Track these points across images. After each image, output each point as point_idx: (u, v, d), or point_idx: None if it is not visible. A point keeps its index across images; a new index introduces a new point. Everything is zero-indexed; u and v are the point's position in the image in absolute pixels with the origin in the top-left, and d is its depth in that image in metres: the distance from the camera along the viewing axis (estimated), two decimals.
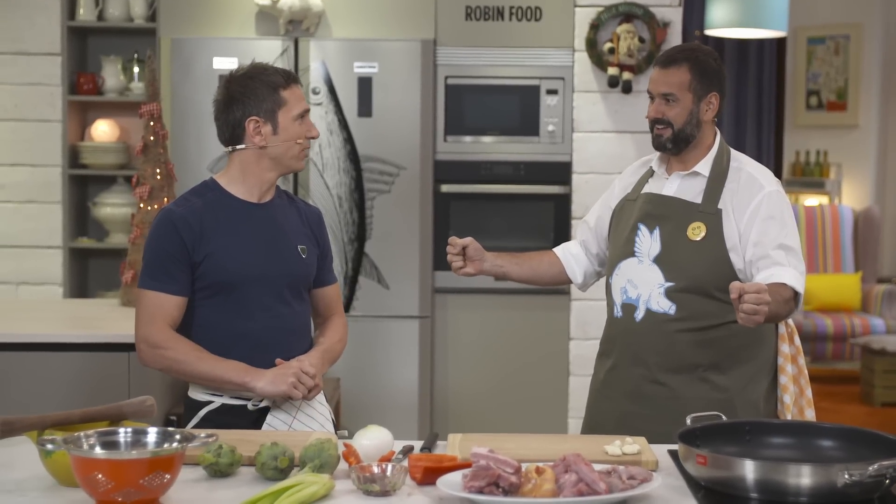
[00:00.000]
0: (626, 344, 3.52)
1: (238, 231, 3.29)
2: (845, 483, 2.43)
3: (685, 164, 3.55)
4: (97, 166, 6.45)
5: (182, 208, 3.28)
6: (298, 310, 3.39)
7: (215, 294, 3.28)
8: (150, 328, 3.25)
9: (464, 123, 6.23)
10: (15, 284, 6.33)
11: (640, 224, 3.53)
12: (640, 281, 3.49)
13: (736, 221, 3.44)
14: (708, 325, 3.44)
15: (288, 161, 3.32)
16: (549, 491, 2.45)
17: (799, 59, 10.57)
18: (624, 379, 3.53)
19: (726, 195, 3.47)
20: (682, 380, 3.45)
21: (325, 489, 2.53)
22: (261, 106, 3.27)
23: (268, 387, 3.20)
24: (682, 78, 3.48)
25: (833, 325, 8.99)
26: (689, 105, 3.49)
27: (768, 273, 3.36)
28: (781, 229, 3.44)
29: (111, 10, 6.41)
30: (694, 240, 3.44)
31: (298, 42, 6.09)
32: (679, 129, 3.49)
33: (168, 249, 3.25)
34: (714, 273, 3.42)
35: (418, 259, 6.13)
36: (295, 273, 3.37)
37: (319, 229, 3.49)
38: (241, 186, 3.34)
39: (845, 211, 9.65)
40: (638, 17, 6.02)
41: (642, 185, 3.63)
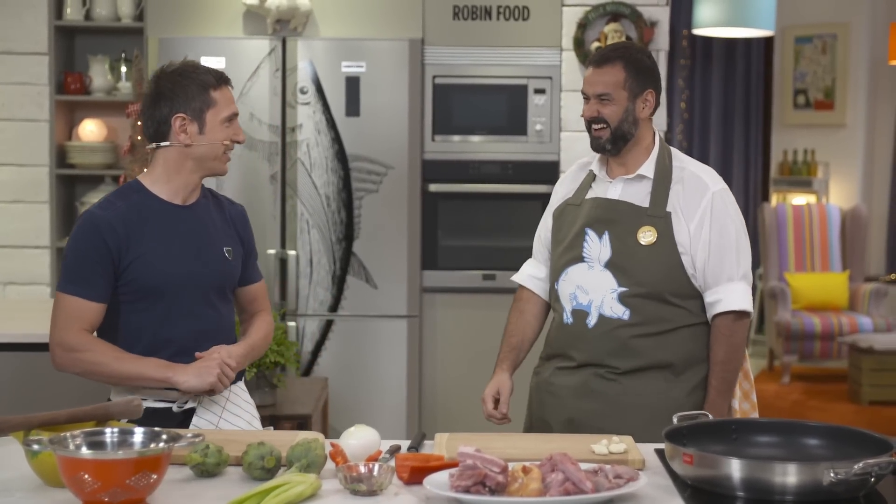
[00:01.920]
0: (578, 350, 3.47)
1: (163, 235, 3.23)
2: (831, 481, 2.43)
3: (626, 167, 3.50)
4: (84, 166, 6.44)
5: (106, 212, 3.20)
6: (223, 311, 3.34)
7: (141, 299, 3.21)
8: (65, 332, 3.18)
9: (451, 123, 6.23)
10: (2, 284, 6.32)
11: (587, 229, 3.48)
12: (590, 286, 3.45)
13: (686, 224, 3.41)
14: (663, 330, 3.43)
15: (211, 163, 3.27)
16: (536, 490, 2.46)
17: (786, 58, 10.59)
18: (574, 376, 3.48)
19: (673, 197, 3.44)
20: (635, 379, 3.42)
21: (312, 489, 2.53)
22: (189, 104, 3.21)
23: (192, 380, 3.14)
24: (616, 77, 3.44)
25: (821, 324, 9.01)
26: (625, 103, 3.44)
27: (715, 297, 3.42)
28: (730, 235, 3.44)
29: (98, 10, 6.40)
30: (645, 244, 3.40)
31: (286, 41, 6.08)
32: (616, 128, 3.44)
33: (90, 254, 3.17)
34: (667, 277, 3.41)
35: (406, 258, 6.13)
36: (221, 275, 3.31)
37: (244, 228, 3.44)
38: (165, 187, 3.26)
39: (833, 210, 9.68)
40: (625, 17, 6.03)
41: (585, 190, 3.57)
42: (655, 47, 6.02)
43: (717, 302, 3.42)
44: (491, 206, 6.22)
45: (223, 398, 3.29)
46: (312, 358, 6.13)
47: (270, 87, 6.06)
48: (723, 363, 3.43)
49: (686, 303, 3.44)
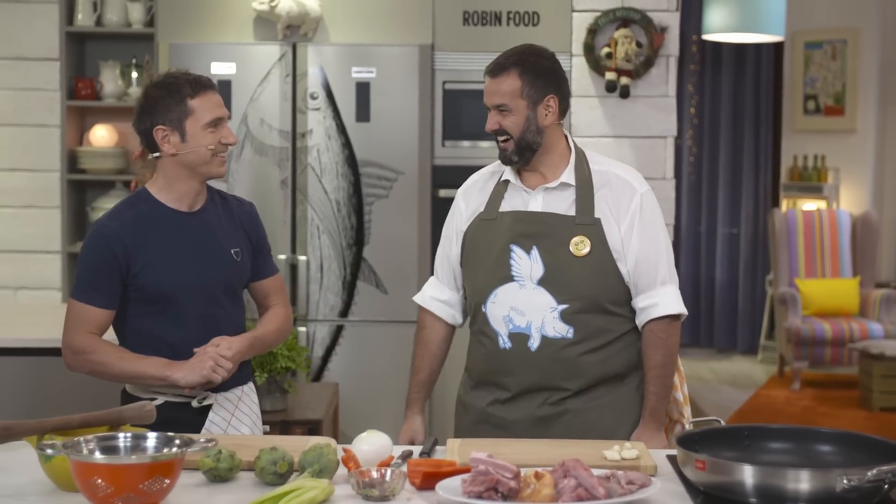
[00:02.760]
0: (522, 375, 3.30)
1: (171, 242, 3.31)
2: (844, 488, 2.43)
3: (544, 176, 3.34)
4: (95, 171, 6.45)
5: (114, 222, 3.31)
6: (232, 311, 3.41)
7: (151, 304, 3.31)
8: (74, 335, 3.29)
9: (461, 128, 6.23)
10: (14, 289, 6.34)
11: (512, 245, 3.30)
12: (526, 307, 3.27)
13: (618, 228, 3.29)
14: (606, 342, 3.31)
15: (203, 168, 3.31)
16: (548, 496, 2.46)
17: (796, 63, 10.58)
18: (518, 408, 3.32)
19: (601, 202, 3.30)
20: (587, 397, 3.31)
21: (325, 494, 2.54)
22: (167, 115, 3.29)
23: (188, 376, 3.21)
24: (512, 86, 3.28)
25: (831, 330, 9.00)
26: (525, 112, 3.28)
27: (650, 301, 3.30)
28: (659, 239, 3.34)
29: (109, 16, 6.42)
30: (579, 255, 3.26)
31: (296, 47, 6.09)
32: (519, 139, 3.28)
33: (98, 264, 3.28)
34: (606, 287, 3.29)
35: (416, 264, 6.13)
36: (229, 277, 3.39)
37: (251, 226, 3.49)
38: (169, 195, 3.35)
39: (843, 215, 9.66)
40: (635, 22, 6.03)
41: (498, 201, 3.39)
42: (665, 53, 6.02)
43: (653, 306, 3.30)
44: None
45: (236, 397, 3.38)
46: (323, 363, 6.14)
47: (281, 93, 6.07)
48: (661, 367, 3.31)
49: (623, 309, 3.33)
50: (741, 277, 10.75)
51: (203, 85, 3.32)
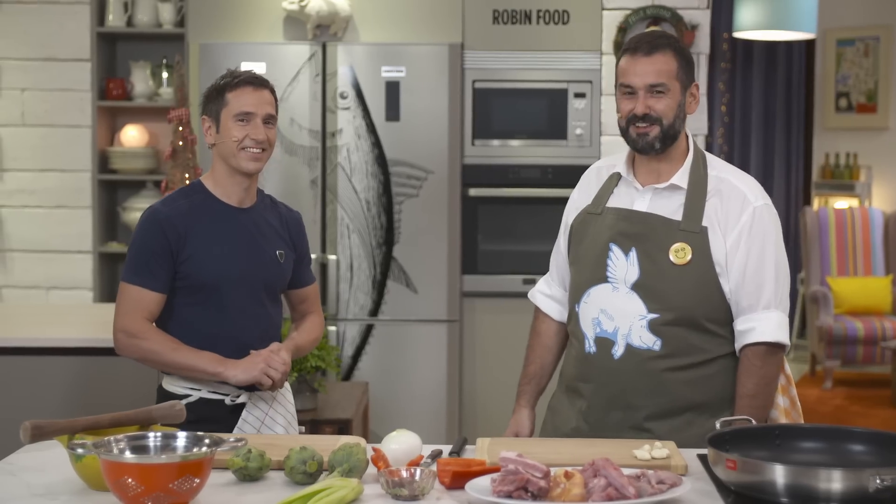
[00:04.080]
0: (602, 384, 3.14)
1: (220, 235, 3.38)
2: (877, 488, 2.41)
3: (658, 174, 3.16)
4: (126, 171, 6.48)
5: (168, 208, 3.39)
6: (272, 311, 3.47)
7: (195, 294, 3.36)
8: (127, 319, 3.34)
9: (491, 127, 6.23)
10: (45, 289, 6.37)
11: (611, 244, 3.14)
12: (616, 311, 3.11)
13: (723, 240, 3.08)
14: (698, 362, 3.11)
15: (232, 161, 3.37)
16: (578, 495, 2.45)
17: (828, 61, 10.52)
18: (600, 424, 3.15)
19: (710, 210, 3.10)
20: (669, 425, 3.11)
21: (354, 493, 2.53)
22: (209, 106, 3.40)
23: (240, 375, 3.28)
24: (669, 65, 3.08)
25: (864, 329, 8.95)
26: (679, 96, 3.10)
27: (748, 325, 3.09)
28: (770, 257, 3.11)
29: (140, 16, 6.45)
30: (678, 264, 3.06)
31: (326, 47, 6.10)
32: (669, 125, 3.10)
33: (152, 247, 3.33)
34: (703, 301, 3.08)
35: (446, 263, 6.13)
36: (271, 277, 3.45)
37: (297, 234, 3.57)
38: (220, 188, 3.43)
39: (875, 213, 9.61)
40: (666, 20, 6.01)
41: (607, 196, 3.23)
42: (696, 50, 6.00)
43: (751, 330, 3.09)
44: (531, 211, 6.21)
45: (270, 396, 3.41)
46: (353, 362, 6.14)
47: (311, 92, 6.08)
48: (751, 397, 3.09)
49: (722, 329, 3.13)
50: None
51: (244, 80, 3.37)
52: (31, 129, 6.35)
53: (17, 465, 2.85)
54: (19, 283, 6.39)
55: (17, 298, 6.36)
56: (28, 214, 6.38)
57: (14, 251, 6.38)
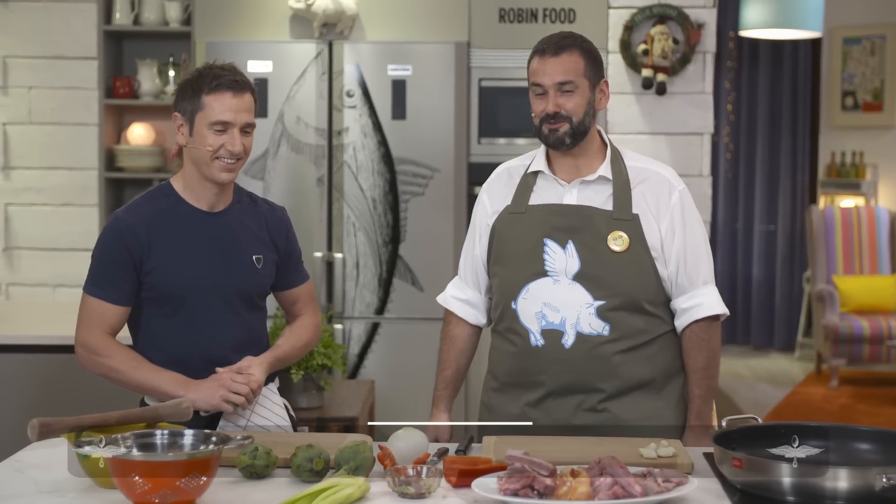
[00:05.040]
0: (554, 374, 3.19)
1: (188, 243, 3.21)
2: (883, 487, 2.41)
3: (577, 169, 3.27)
4: (133, 169, 6.49)
5: (131, 216, 3.21)
6: (250, 319, 3.30)
7: (163, 306, 3.21)
8: (88, 333, 3.21)
9: (497, 125, 6.23)
10: (52, 287, 6.38)
11: (546, 239, 3.21)
12: (560, 303, 3.18)
13: (657, 225, 3.21)
14: (642, 342, 3.22)
15: (203, 168, 3.19)
16: (585, 494, 2.45)
17: (834, 59, 10.51)
18: (554, 410, 3.22)
19: (638, 198, 3.23)
20: (621, 404, 3.21)
21: (361, 491, 2.54)
22: (184, 105, 3.19)
23: (200, 401, 3.10)
24: (577, 64, 3.19)
25: (869, 327, 8.94)
26: (588, 94, 3.20)
27: (693, 301, 3.23)
28: (700, 238, 3.27)
29: (147, 14, 6.46)
30: (618, 251, 3.17)
31: (332, 45, 6.10)
32: (579, 122, 3.20)
33: (112, 258, 3.19)
34: (643, 285, 3.20)
35: (452, 261, 6.13)
36: (247, 285, 3.27)
37: (279, 232, 3.37)
38: (189, 191, 3.25)
39: (882, 212, 9.60)
40: (672, 19, 6.01)
41: (526, 194, 3.31)
42: (702, 49, 5.99)
43: (697, 306, 3.23)
44: None
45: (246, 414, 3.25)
46: (359, 360, 6.15)
47: (317, 91, 6.08)
48: (705, 370, 3.25)
49: (659, 310, 3.25)
50: (778, 275, 10.69)
51: (223, 84, 3.16)
52: (37, 127, 6.36)
53: (24, 462, 2.86)
54: (26, 281, 6.40)
55: (24, 296, 6.38)
56: (35, 212, 6.39)
57: (21, 249, 6.39)
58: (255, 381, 3.16)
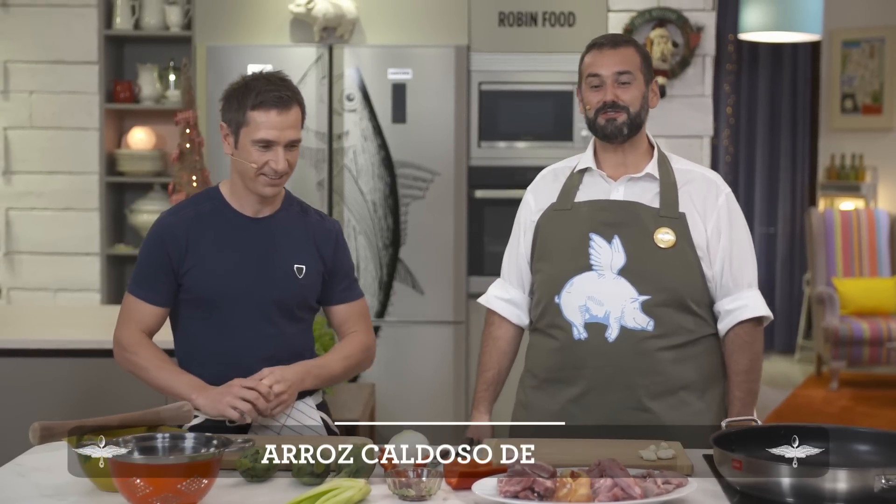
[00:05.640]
0: (597, 368, 3.19)
1: (226, 246, 3.19)
2: (882, 488, 2.42)
3: (625, 167, 3.28)
4: (134, 174, 6.50)
5: (173, 217, 3.23)
6: (290, 331, 3.24)
7: (197, 308, 3.20)
8: (123, 330, 3.24)
9: (497, 129, 6.24)
10: (53, 291, 6.39)
11: (591, 234, 3.21)
12: (605, 297, 3.17)
13: (703, 225, 3.23)
14: (686, 341, 3.21)
15: (247, 182, 3.16)
16: (585, 496, 2.46)
17: (834, 62, 10.52)
18: (596, 407, 3.21)
19: (684, 198, 3.24)
20: (665, 404, 3.19)
21: (361, 494, 2.54)
22: (231, 115, 3.15)
23: (206, 405, 3.08)
24: (634, 57, 3.24)
25: (869, 330, 8.94)
26: (643, 87, 3.24)
27: (738, 303, 3.23)
28: (745, 241, 3.29)
29: (147, 19, 6.47)
30: (664, 247, 3.18)
31: (333, 49, 6.11)
32: (636, 114, 3.23)
33: (151, 259, 3.20)
34: (688, 283, 3.20)
35: (453, 264, 6.14)
36: (284, 293, 3.21)
37: (328, 246, 3.30)
38: (235, 197, 3.23)
39: (881, 215, 9.60)
40: (671, 22, 6.02)
41: (572, 192, 3.31)
42: (702, 52, 6.00)
43: (741, 308, 3.23)
44: None
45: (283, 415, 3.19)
46: None
47: (317, 95, 6.09)
48: (747, 373, 3.23)
49: (703, 311, 3.24)
50: (778, 277, 10.69)
51: (268, 101, 3.11)
52: (38, 132, 6.37)
53: (26, 466, 2.87)
54: (27, 285, 6.41)
55: (24, 300, 6.38)
56: (36, 217, 6.40)
57: (22, 253, 6.40)
58: (267, 389, 3.08)
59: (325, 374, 3.28)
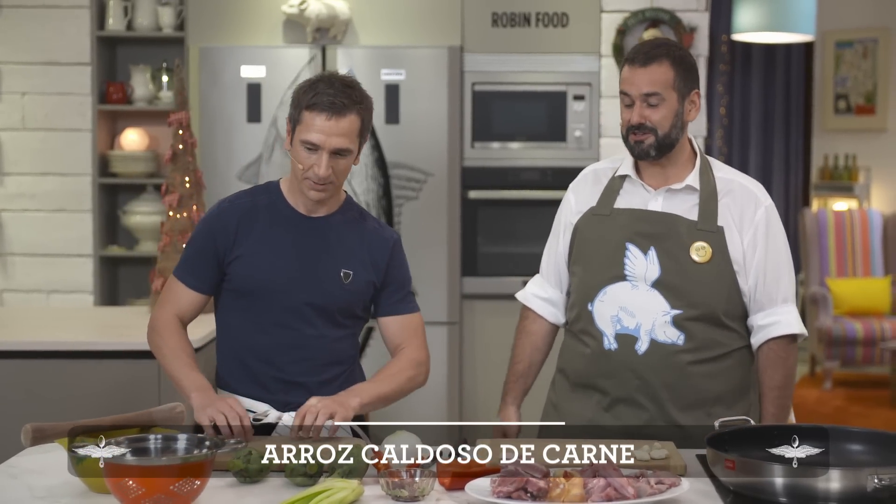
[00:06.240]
0: (625, 380, 3.19)
1: (273, 240, 3.16)
2: (875, 487, 2.42)
3: (665, 178, 3.23)
4: (127, 175, 6.49)
5: (230, 204, 3.22)
6: (327, 334, 3.20)
7: (238, 299, 3.19)
8: (160, 310, 3.23)
9: (491, 130, 6.24)
10: (46, 293, 6.38)
11: (628, 244, 3.20)
12: (637, 308, 3.17)
13: (740, 239, 3.19)
14: (717, 355, 3.20)
15: (298, 182, 3.13)
16: (578, 496, 2.46)
17: (827, 63, 10.53)
18: (624, 418, 3.21)
19: (724, 210, 3.20)
20: (692, 417, 3.18)
21: (355, 495, 2.54)
22: (292, 111, 3.12)
23: (197, 410, 3.00)
24: (666, 75, 3.15)
25: (863, 330, 8.95)
26: (675, 106, 3.17)
27: (771, 319, 3.21)
28: (782, 255, 3.24)
29: (140, 20, 6.45)
30: (700, 262, 3.15)
31: (326, 50, 6.11)
32: (664, 135, 3.17)
33: (199, 245, 3.20)
34: (723, 298, 3.17)
35: (446, 265, 6.13)
36: (325, 296, 3.17)
37: (381, 254, 3.25)
38: (292, 195, 3.20)
39: (874, 215, 9.61)
40: (664, 23, 6.02)
41: (612, 197, 3.28)
42: (695, 53, 6.01)
43: (775, 324, 3.20)
44: (530, 213, 6.22)
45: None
46: None
47: None
48: (780, 388, 3.21)
49: (736, 324, 3.22)
50: None
51: (321, 104, 3.04)
52: (31, 133, 6.36)
53: (18, 467, 2.86)
54: (20, 287, 6.40)
55: (17, 302, 6.37)
56: (28, 218, 6.38)
57: (15, 255, 6.39)
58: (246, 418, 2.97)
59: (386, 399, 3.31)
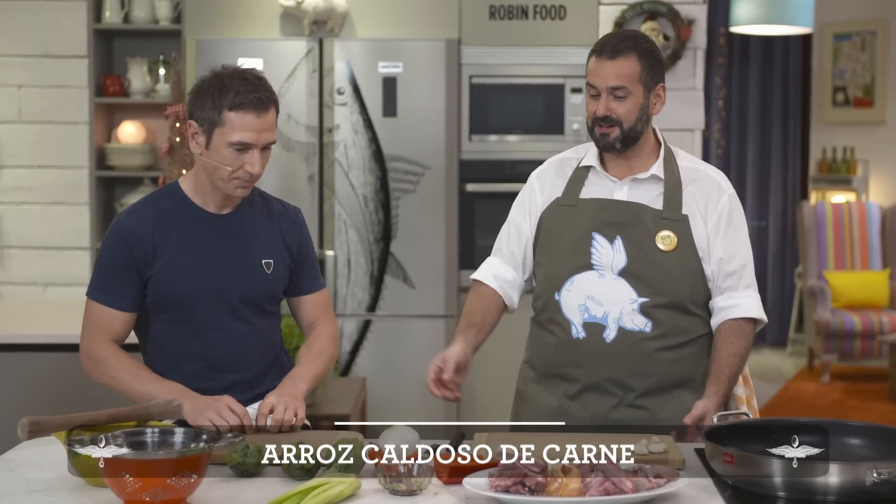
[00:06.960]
0: (594, 367, 3.21)
1: (192, 245, 3.11)
2: (874, 481, 2.41)
3: (629, 168, 3.26)
4: (124, 168, 6.48)
5: (135, 218, 3.11)
6: (260, 326, 3.19)
7: (166, 311, 3.13)
8: (91, 342, 3.14)
9: (488, 122, 6.23)
10: (43, 286, 6.37)
11: (594, 233, 3.21)
12: (604, 297, 3.19)
13: (704, 226, 3.22)
14: (684, 342, 3.23)
15: (218, 182, 3.07)
16: (576, 490, 2.45)
17: (825, 55, 10.53)
18: (592, 405, 3.23)
19: (687, 198, 3.23)
20: (658, 400, 3.22)
21: (352, 489, 2.54)
22: (204, 114, 3.03)
23: (191, 412, 2.98)
24: (633, 69, 3.16)
25: (861, 323, 8.95)
26: (641, 99, 3.17)
27: (732, 301, 3.23)
28: (744, 242, 3.27)
29: (137, 12, 6.44)
30: (666, 250, 3.18)
31: (323, 42, 6.10)
32: (630, 128, 3.18)
33: (116, 262, 3.10)
34: (689, 286, 3.21)
35: (444, 258, 6.13)
36: (254, 290, 3.16)
37: (292, 235, 3.25)
38: (199, 194, 3.14)
39: (872, 208, 9.61)
40: (662, 15, 6.01)
41: (577, 187, 3.30)
42: (693, 45, 6.00)
43: (735, 306, 3.23)
44: None
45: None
46: (350, 358, 6.15)
47: (307, 88, 6.07)
48: (741, 356, 3.19)
49: (701, 310, 3.26)
50: (770, 270, 10.70)
51: (248, 103, 3.00)
52: (28, 126, 6.35)
53: (14, 461, 2.86)
54: (17, 280, 6.39)
55: (14, 295, 6.37)
56: (25, 211, 6.38)
57: (11, 248, 6.38)
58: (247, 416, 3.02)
59: (316, 379, 3.25)
